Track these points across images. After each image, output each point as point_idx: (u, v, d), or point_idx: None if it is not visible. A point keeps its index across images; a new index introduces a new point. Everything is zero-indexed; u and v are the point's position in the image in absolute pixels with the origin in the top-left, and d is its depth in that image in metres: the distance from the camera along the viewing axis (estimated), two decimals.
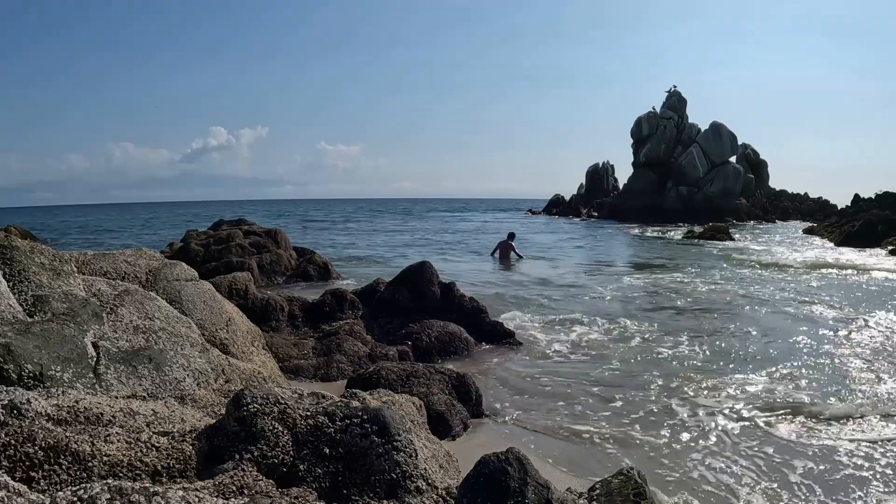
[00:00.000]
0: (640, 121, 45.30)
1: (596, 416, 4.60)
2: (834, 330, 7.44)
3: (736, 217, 37.59)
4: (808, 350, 6.49)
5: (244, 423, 2.34)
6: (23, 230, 23.03)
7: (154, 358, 3.26)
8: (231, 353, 4.54)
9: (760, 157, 48.98)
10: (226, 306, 5.24)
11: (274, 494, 2.09)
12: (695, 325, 7.82)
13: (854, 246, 18.82)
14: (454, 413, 4.28)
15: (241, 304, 6.46)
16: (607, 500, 2.32)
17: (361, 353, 5.93)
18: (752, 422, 4.42)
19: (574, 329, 7.54)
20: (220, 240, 12.34)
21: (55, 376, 2.74)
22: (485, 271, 14.12)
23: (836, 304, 9.22)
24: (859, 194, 29.36)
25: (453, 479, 2.61)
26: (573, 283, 12.03)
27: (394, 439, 2.41)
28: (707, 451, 3.94)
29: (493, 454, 2.21)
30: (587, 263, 15.79)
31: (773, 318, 8.33)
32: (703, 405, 4.80)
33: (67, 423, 2.26)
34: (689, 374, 5.60)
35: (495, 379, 5.52)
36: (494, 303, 8.75)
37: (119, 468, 2.11)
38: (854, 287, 10.99)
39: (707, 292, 10.59)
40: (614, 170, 54.51)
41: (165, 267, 5.20)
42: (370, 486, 2.29)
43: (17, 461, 1.99)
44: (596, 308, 8.98)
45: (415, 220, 46.31)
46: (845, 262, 11.04)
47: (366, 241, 24.78)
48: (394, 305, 7.20)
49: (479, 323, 7.04)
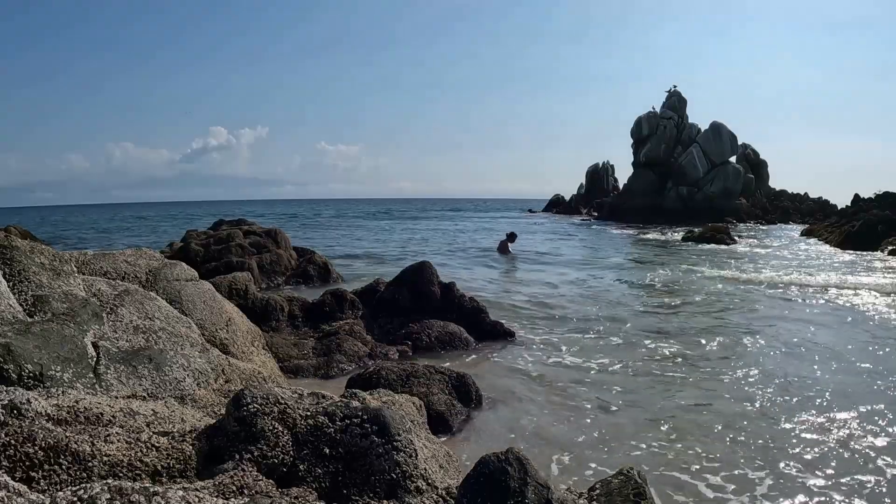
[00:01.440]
0: (640, 121, 45.31)
1: (596, 416, 4.60)
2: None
3: (736, 217, 37.58)
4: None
5: (244, 423, 2.34)
6: (23, 230, 23.02)
7: (154, 358, 3.26)
8: (231, 353, 4.54)
9: (760, 157, 48.98)
10: (226, 306, 5.24)
11: (274, 494, 2.09)
12: (693, 327, 7.82)
13: (853, 248, 18.79)
14: (454, 413, 4.29)
15: (241, 304, 6.47)
16: (607, 500, 2.32)
17: (361, 353, 5.94)
18: (745, 415, 4.44)
19: (574, 329, 7.54)
20: (220, 240, 12.35)
21: (55, 376, 2.74)
22: (485, 271, 14.12)
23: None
24: (859, 194, 29.35)
25: (453, 479, 2.61)
26: (572, 284, 12.03)
27: (394, 439, 2.41)
28: (708, 450, 3.94)
29: (493, 454, 2.21)
30: (587, 263, 15.79)
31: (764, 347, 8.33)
32: (704, 405, 4.81)
33: (67, 423, 2.26)
34: (687, 375, 5.60)
35: (496, 378, 5.51)
36: (495, 303, 8.75)
37: (119, 468, 2.11)
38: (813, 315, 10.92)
39: (698, 309, 10.58)
40: (614, 170, 54.58)
41: (165, 267, 5.20)
42: (370, 486, 2.29)
43: (17, 461, 1.99)
44: (596, 308, 8.98)
45: (415, 220, 46.31)
46: (836, 283, 11.09)
47: (366, 240, 24.78)
48: (394, 305, 7.21)
49: (480, 323, 7.04)
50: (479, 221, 43.16)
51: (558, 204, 55.41)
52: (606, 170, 54.08)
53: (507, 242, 16.92)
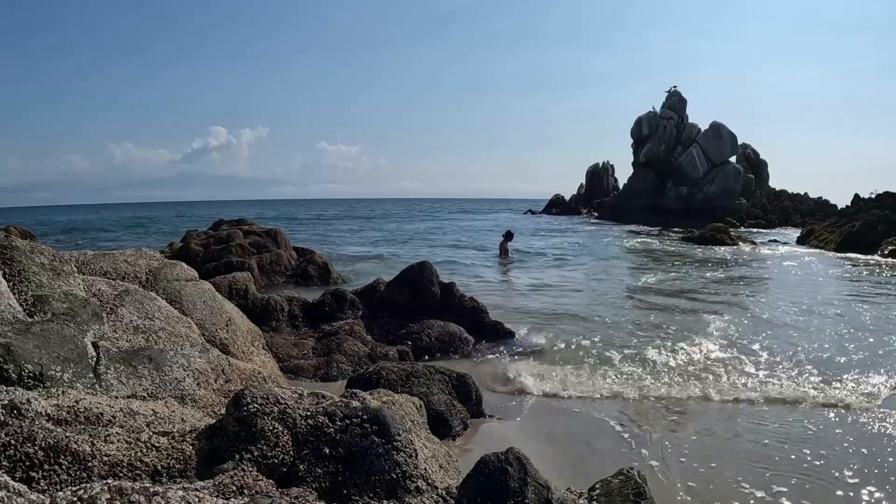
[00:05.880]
0: (639, 121, 45.29)
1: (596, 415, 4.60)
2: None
3: (736, 217, 37.55)
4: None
5: (244, 424, 2.34)
6: (23, 230, 23.03)
7: (154, 358, 3.26)
8: (231, 353, 4.54)
9: (760, 157, 48.95)
10: (226, 306, 5.24)
11: (274, 494, 2.09)
12: (693, 327, 7.82)
13: (853, 250, 18.77)
14: (454, 413, 4.28)
15: (241, 304, 6.47)
16: (607, 499, 2.32)
17: (361, 353, 5.93)
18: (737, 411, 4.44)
19: (574, 329, 7.53)
20: (220, 240, 12.35)
21: (55, 376, 2.74)
22: (484, 271, 14.11)
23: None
24: (859, 194, 29.29)
25: (453, 479, 2.61)
26: (572, 283, 12.03)
27: (394, 439, 2.41)
28: (707, 449, 3.94)
29: (493, 454, 2.21)
30: (587, 263, 15.79)
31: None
32: (702, 407, 4.81)
33: (67, 423, 2.26)
34: (685, 377, 5.60)
35: (496, 379, 5.51)
36: (495, 303, 8.74)
37: (119, 468, 2.11)
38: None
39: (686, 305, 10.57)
40: (614, 170, 54.54)
41: (165, 267, 5.20)
42: (370, 486, 2.29)
43: (17, 461, 1.99)
44: (595, 308, 8.98)
45: (414, 220, 46.28)
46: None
47: (366, 240, 24.78)
48: (394, 305, 7.20)
49: (480, 323, 7.04)
50: (479, 221, 43.15)
51: (558, 204, 55.37)
52: (606, 170, 54.05)
53: (506, 242, 16.94)
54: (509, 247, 16.97)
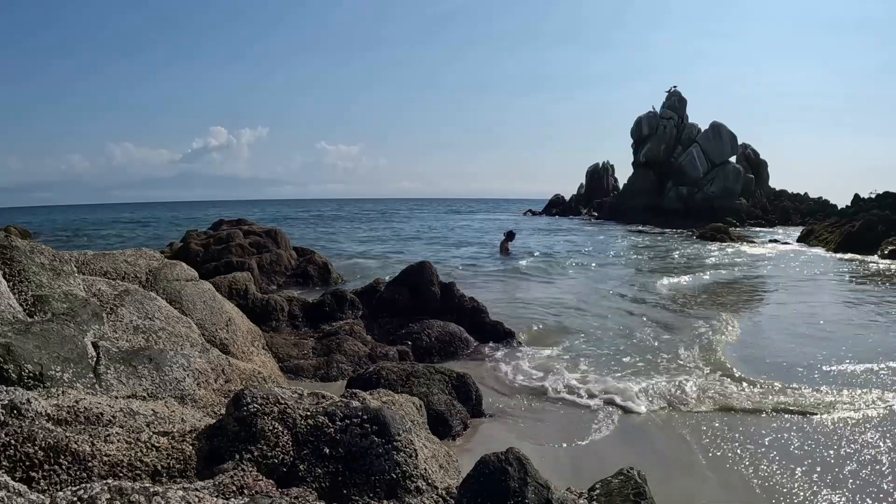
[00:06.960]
0: (639, 121, 45.29)
1: (597, 415, 4.60)
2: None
3: (736, 217, 37.53)
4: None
5: (244, 424, 2.34)
6: (23, 230, 23.03)
7: (154, 358, 3.26)
8: (231, 353, 4.54)
9: (760, 157, 48.93)
10: (226, 306, 5.24)
11: (274, 494, 2.09)
12: (692, 326, 7.82)
13: (853, 250, 18.76)
14: (454, 413, 4.28)
15: (242, 304, 6.47)
16: (607, 499, 2.32)
17: (361, 353, 5.93)
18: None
19: (574, 329, 7.53)
20: (220, 240, 12.35)
21: (55, 376, 2.74)
22: (484, 271, 14.11)
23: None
24: (859, 194, 29.28)
25: (453, 479, 2.61)
26: (572, 284, 12.03)
27: (394, 439, 2.41)
28: (708, 448, 3.94)
29: (493, 454, 2.21)
30: (587, 264, 15.79)
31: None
32: (701, 409, 4.81)
33: (67, 423, 2.26)
34: (683, 376, 5.60)
35: (496, 379, 5.51)
36: (495, 303, 8.74)
37: (119, 468, 2.11)
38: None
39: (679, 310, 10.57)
40: (614, 170, 54.51)
41: (165, 267, 5.20)
42: (370, 486, 2.29)
43: (17, 461, 1.99)
44: (595, 308, 8.98)
45: (414, 220, 46.28)
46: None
47: (366, 240, 24.77)
48: (394, 305, 7.20)
49: (480, 323, 7.03)
50: (478, 221, 43.14)
51: (558, 204, 55.32)
52: (606, 170, 54.02)
53: (507, 242, 16.98)
54: (510, 246, 16.99)
